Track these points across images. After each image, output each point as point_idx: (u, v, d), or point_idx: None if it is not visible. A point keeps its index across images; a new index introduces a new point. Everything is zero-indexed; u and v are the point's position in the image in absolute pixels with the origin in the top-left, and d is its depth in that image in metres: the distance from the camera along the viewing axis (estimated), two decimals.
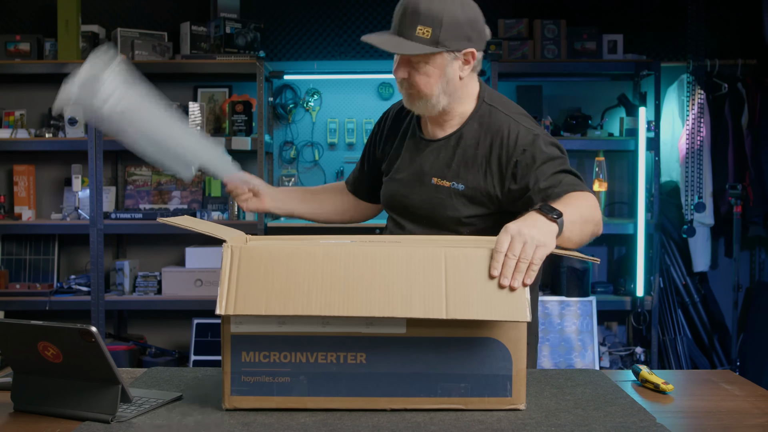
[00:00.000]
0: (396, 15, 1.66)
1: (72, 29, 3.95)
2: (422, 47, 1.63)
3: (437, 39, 1.63)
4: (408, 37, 1.63)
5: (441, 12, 1.62)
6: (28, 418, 1.36)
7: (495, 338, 1.32)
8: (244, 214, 4.12)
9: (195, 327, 4.02)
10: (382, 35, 1.67)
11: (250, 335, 1.34)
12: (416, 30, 1.62)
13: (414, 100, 1.72)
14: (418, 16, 1.61)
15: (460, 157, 1.73)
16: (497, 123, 1.72)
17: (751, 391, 1.56)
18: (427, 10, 1.61)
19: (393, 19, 1.67)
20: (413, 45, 1.63)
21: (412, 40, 1.63)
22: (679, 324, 4.10)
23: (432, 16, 1.61)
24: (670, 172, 4.28)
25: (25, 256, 4.24)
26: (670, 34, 4.28)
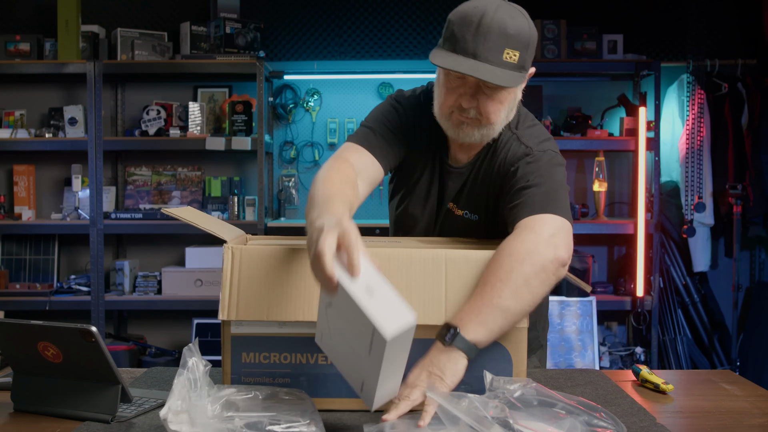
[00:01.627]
0: (470, 32, 1.42)
1: (72, 29, 3.95)
2: (517, 76, 1.47)
3: (523, 63, 1.48)
4: (494, 63, 1.43)
5: (529, 34, 1.48)
6: (28, 418, 1.36)
7: (496, 341, 1.32)
8: (244, 214, 4.12)
9: (195, 327, 4.02)
10: (458, 59, 1.42)
11: (250, 336, 1.32)
12: (503, 54, 1.43)
13: (473, 128, 1.52)
14: (507, 39, 1.43)
15: (476, 187, 1.61)
16: (515, 149, 1.57)
17: (751, 391, 1.56)
18: (517, 32, 1.45)
19: (461, 36, 1.43)
20: (507, 73, 1.44)
21: (500, 66, 1.43)
22: (679, 324, 4.09)
23: (522, 40, 1.46)
24: (670, 172, 4.28)
25: (25, 256, 4.24)
26: (670, 34, 4.28)
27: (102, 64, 3.97)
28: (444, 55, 1.44)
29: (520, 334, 1.34)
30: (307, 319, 1.27)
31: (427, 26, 4.29)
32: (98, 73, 3.95)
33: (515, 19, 1.46)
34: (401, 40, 4.30)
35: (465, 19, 1.43)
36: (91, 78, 3.95)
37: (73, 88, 4.30)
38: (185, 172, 4.34)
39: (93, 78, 3.95)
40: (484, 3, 1.45)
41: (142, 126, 4.11)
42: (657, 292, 4.00)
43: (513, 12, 1.47)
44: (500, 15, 1.43)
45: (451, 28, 1.45)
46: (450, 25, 1.46)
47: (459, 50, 1.43)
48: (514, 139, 1.60)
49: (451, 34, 1.45)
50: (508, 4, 1.48)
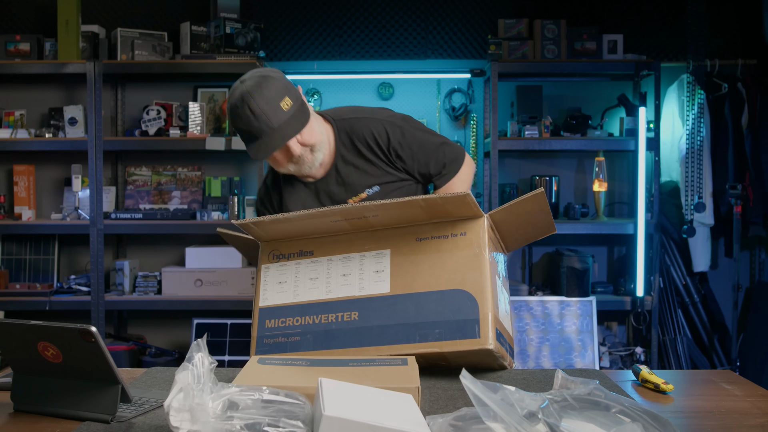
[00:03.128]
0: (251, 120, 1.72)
1: (72, 29, 3.95)
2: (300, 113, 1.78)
3: (296, 98, 1.79)
4: (281, 119, 1.75)
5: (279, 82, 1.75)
6: (28, 418, 1.36)
7: (463, 289, 1.58)
8: (244, 214, 4.12)
9: (195, 327, 4.02)
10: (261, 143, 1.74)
11: (272, 307, 1.70)
12: (281, 108, 1.75)
13: (312, 159, 1.86)
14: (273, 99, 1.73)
15: (354, 171, 1.91)
16: (362, 127, 1.89)
17: (751, 391, 1.56)
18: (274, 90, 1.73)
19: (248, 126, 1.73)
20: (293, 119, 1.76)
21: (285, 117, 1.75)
22: (679, 324, 4.09)
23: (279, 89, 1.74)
24: (670, 172, 4.28)
25: (25, 256, 4.24)
26: (670, 34, 4.29)
27: (102, 64, 3.97)
28: (253, 148, 1.76)
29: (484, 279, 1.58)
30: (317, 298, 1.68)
31: (427, 26, 4.29)
32: (98, 73, 3.95)
33: (264, 85, 1.72)
34: (401, 40, 4.30)
35: (239, 115, 1.74)
36: (91, 78, 3.95)
37: (73, 88, 4.30)
38: (185, 172, 4.34)
39: (93, 78, 3.95)
40: (237, 95, 1.73)
41: (142, 126, 4.11)
42: (657, 292, 4.00)
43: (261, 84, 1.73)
44: (256, 93, 1.71)
45: (238, 128, 1.76)
46: (237, 128, 1.77)
47: (257, 134, 1.74)
48: (362, 121, 1.91)
49: (242, 131, 1.76)
50: (252, 79, 1.74)
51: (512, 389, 1.17)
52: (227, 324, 4.00)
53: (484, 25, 4.29)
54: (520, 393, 1.16)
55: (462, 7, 4.29)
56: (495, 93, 3.94)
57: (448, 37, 4.29)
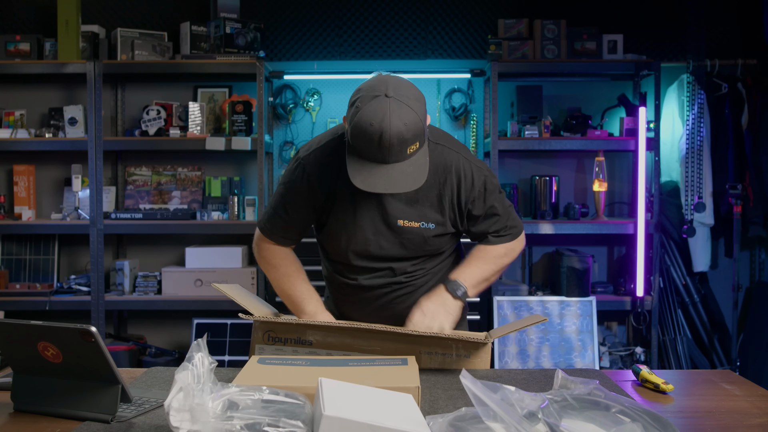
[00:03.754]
0: (374, 147, 1.61)
1: (72, 29, 3.95)
2: (422, 160, 1.68)
3: (423, 140, 1.68)
4: (402, 159, 1.64)
5: (420, 120, 1.65)
6: (28, 418, 1.36)
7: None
8: (244, 214, 4.12)
9: (195, 327, 4.02)
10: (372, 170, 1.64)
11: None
12: (407, 151, 1.64)
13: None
14: (407, 142, 1.62)
15: (423, 198, 1.83)
16: (448, 161, 1.84)
17: (751, 391, 1.56)
18: (413, 134, 1.63)
19: (367, 149, 1.62)
20: (414, 168, 1.66)
21: (406, 160, 1.65)
22: (679, 324, 4.09)
23: (417, 132, 1.64)
24: (670, 172, 4.28)
25: (25, 256, 4.24)
26: (670, 34, 4.28)
27: (102, 64, 3.97)
28: (359, 167, 1.65)
29: None
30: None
31: (427, 26, 4.29)
32: (98, 73, 3.95)
33: (407, 123, 1.61)
34: (401, 40, 4.30)
35: (366, 137, 1.61)
36: (91, 78, 3.95)
37: (73, 88, 4.30)
38: (185, 172, 4.34)
39: (93, 78, 3.95)
40: (378, 118, 1.60)
41: (142, 126, 4.11)
42: (657, 292, 4.00)
43: (403, 115, 1.61)
44: (395, 128, 1.59)
45: (356, 141, 1.64)
46: (354, 137, 1.64)
47: (371, 159, 1.64)
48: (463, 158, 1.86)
49: (358, 145, 1.64)
50: (398, 106, 1.61)
51: (512, 389, 1.17)
52: (227, 324, 4.00)
53: (484, 25, 4.29)
54: (520, 393, 1.16)
55: (462, 7, 4.29)
56: (495, 93, 3.94)
57: (448, 37, 4.29)
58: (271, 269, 1.96)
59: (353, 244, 1.85)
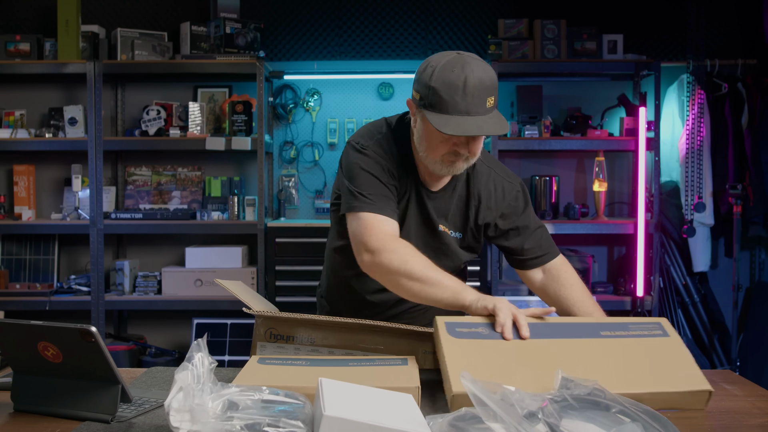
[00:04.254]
0: (459, 95, 1.60)
1: (72, 29, 3.95)
2: (501, 117, 1.67)
3: (496, 102, 1.68)
4: (484, 113, 1.63)
5: (495, 77, 1.67)
6: (28, 418, 1.36)
7: None
8: (244, 214, 4.12)
9: (195, 327, 4.02)
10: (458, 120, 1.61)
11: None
12: (487, 103, 1.64)
13: (462, 163, 1.72)
14: (487, 90, 1.63)
15: (455, 208, 1.84)
16: (484, 174, 1.85)
17: (751, 391, 1.56)
18: (492, 82, 1.64)
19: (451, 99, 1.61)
20: (495, 119, 1.65)
21: (487, 114, 1.64)
22: (679, 324, 4.09)
23: (495, 85, 1.65)
24: (670, 172, 4.28)
25: (25, 256, 4.24)
26: (670, 34, 4.28)
27: (102, 64, 3.97)
28: (444, 120, 1.62)
29: None
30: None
31: (427, 26, 4.29)
32: (98, 73, 3.95)
33: (486, 71, 1.64)
34: (401, 40, 4.30)
35: (451, 84, 1.62)
36: (91, 78, 3.95)
37: (73, 88, 4.30)
38: (185, 172, 4.34)
39: (93, 78, 3.95)
40: (459, 65, 1.63)
41: (142, 126, 4.11)
42: (657, 292, 4.00)
43: (481, 64, 1.65)
44: (477, 73, 1.62)
45: (438, 94, 1.63)
46: (435, 91, 1.63)
47: (453, 111, 1.62)
48: (494, 170, 1.87)
49: (440, 98, 1.63)
50: (474, 58, 1.66)
51: (512, 389, 1.17)
52: (227, 324, 4.00)
53: (484, 25, 4.29)
54: (520, 393, 1.16)
55: (462, 7, 4.29)
56: None
57: (448, 37, 4.29)
58: (413, 283, 1.66)
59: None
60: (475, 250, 1.93)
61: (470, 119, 1.61)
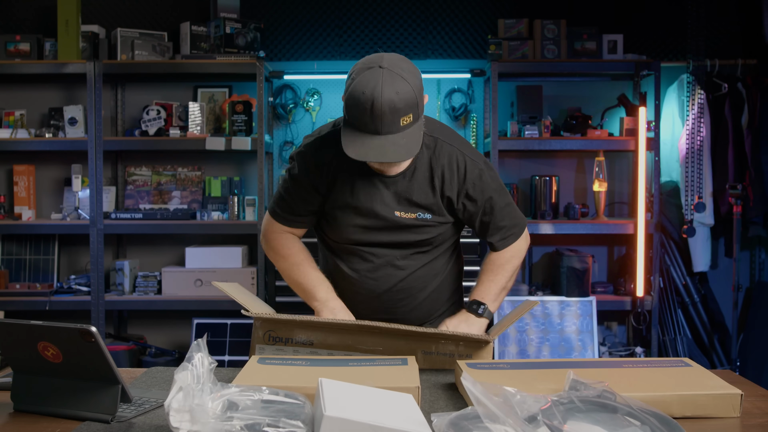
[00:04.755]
0: (367, 116, 1.61)
1: (72, 29, 3.95)
2: (416, 134, 1.67)
3: (417, 114, 1.67)
4: (395, 131, 1.64)
5: (414, 94, 1.65)
6: (28, 418, 1.36)
7: None
8: (244, 214, 4.12)
9: (195, 327, 4.02)
10: (365, 141, 1.63)
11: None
12: (400, 122, 1.63)
13: (392, 168, 1.79)
14: (398, 112, 1.62)
15: (418, 189, 1.83)
16: (446, 154, 1.84)
17: (751, 391, 1.55)
18: (405, 103, 1.62)
19: (360, 119, 1.63)
20: (407, 139, 1.65)
21: (401, 131, 1.64)
22: (679, 324, 4.09)
23: (410, 104, 1.64)
24: (670, 172, 4.28)
25: (25, 256, 4.24)
26: (670, 34, 4.28)
27: (102, 64, 3.97)
28: (352, 137, 1.65)
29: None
30: None
31: (427, 26, 4.29)
32: (98, 73, 3.95)
33: (399, 92, 1.62)
34: (401, 40, 4.30)
35: (359, 105, 1.62)
36: (91, 78, 3.95)
37: (73, 88, 4.30)
38: (185, 172, 4.34)
39: (93, 78, 3.95)
40: (370, 86, 1.61)
41: (142, 126, 4.11)
42: (657, 292, 4.00)
43: (396, 85, 1.62)
44: (387, 95, 1.60)
45: (350, 112, 1.65)
46: (348, 108, 1.66)
47: (363, 129, 1.64)
48: (457, 150, 1.85)
49: (352, 116, 1.65)
50: (390, 76, 1.62)
51: (513, 390, 1.17)
52: (227, 324, 4.00)
53: (484, 25, 4.29)
54: (522, 395, 1.16)
55: (462, 7, 4.29)
56: (495, 93, 3.94)
57: (448, 37, 4.29)
58: (280, 259, 1.98)
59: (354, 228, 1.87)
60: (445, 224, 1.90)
61: (378, 140, 1.63)
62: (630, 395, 1.25)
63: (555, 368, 1.53)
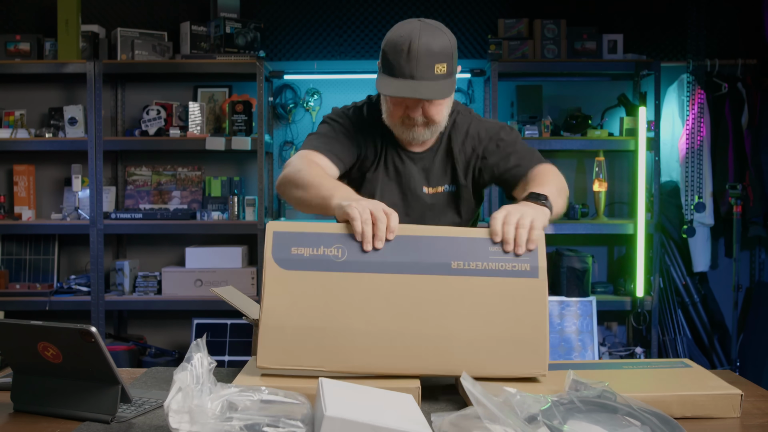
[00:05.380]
0: (403, 58, 1.64)
1: (72, 29, 3.95)
2: (448, 85, 1.69)
3: (452, 70, 1.71)
4: (429, 78, 1.65)
5: (450, 46, 1.69)
6: (28, 418, 1.36)
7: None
8: (244, 214, 4.12)
9: (195, 327, 4.02)
10: (399, 83, 1.65)
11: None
12: (435, 69, 1.66)
13: (422, 129, 1.75)
14: (434, 56, 1.65)
15: (440, 164, 1.86)
16: (465, 124, 1.87)
17: (751, 391, 1.55)
18: (441, 49, 1.66)
19: (396, 62, 1.65)
20: (440, 86, 1.67)
21: (434, 80, 1.66)
22: (679, 324, 4.09)
23: (446, 53, 1.67)
24: (670, 172, 4.28)
25: (25, 256, 4.24)
26: (670, 34, 4.28)
27: (102, 64, 3.97)
28: (387, 81, 1.67)
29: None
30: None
31: None
32: (98, 73, 3.95)
33: (436, 38, 1.67)
34: None
35: (396, 48, 1.66)
36: (91, 78, 3.95)
37: (73, 88, 4.30)
38: (185, 172, 4.34)
39: (93, 78, 3.95)
40: (408, 30, 1.67)
41: (142, 126, 4.11)
42: (657, 292, 4.00)
43: (434, 32, 1.68)
44: (424, 39, 1.65)
45: (386, 57, 1.68)
46: (385, 54, 1.69)
47: (398, 74, 1.66)
48: (474, 119, 1.88)
49: (388, 61, 1.67)
50: (428, 25, 1.69)
51: (513, 391, 1.17)
52: (227, 324, 4.00)
53: (484, 25, 4.29)
54: (522, 395, 1.16)
55: (462, 7, 4.29)
56: (495, 93, 3.94)
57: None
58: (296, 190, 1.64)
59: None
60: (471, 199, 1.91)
61: (412, 83, 1.64)
62: (630, 395, 1.25)
63: (555, 369, 1.52)
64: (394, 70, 1.66)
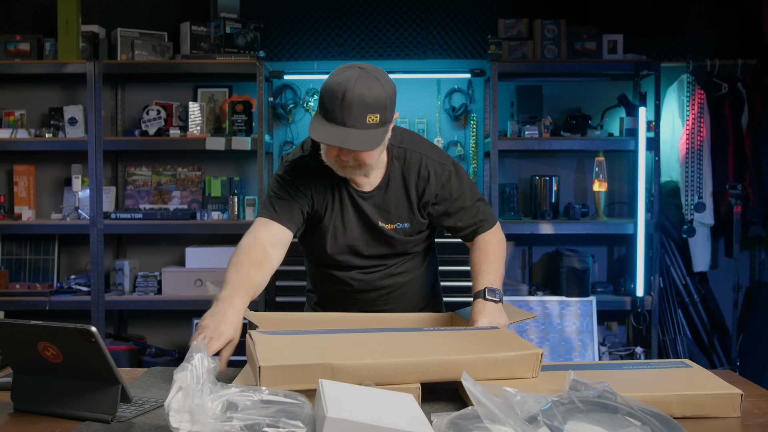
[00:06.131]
0: (337, 105, 1.68)
1: (72, 29, 3.95)
2: (379, 134, 1.72)
3: (385, 119, 1.73)
4: (360, 127, 1.69)
5: (385, 97, 1.71)
6: (28, 418, 1.36)
7: None
8: (244, 214, 4.12)
9: (195, 327, 4.01)
10: (330, 128, 1.69)
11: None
12: (366, 119, 1.69)
13: (355, 169, 1.80)
14: (367, 107, 1.68)
15: (394, 201, 1.92)
16: (416, 162, 1.92)
17: (751, 390, 1.56)
18: (374, 100, 1.69)
19: (331, 108, 1.69)
20: (369, 135, 1.70)
21: (365, 128, 1.70)
22: (679, 324, 4.09)
23: (379, 104, 1.70)
24: (670, 172, 4.28)
25: (25, 256, 4.24)
26: (670, 34, 4.28)
27: (102, 64, 3.97)
28: (320, 124, 1.71)
29: None
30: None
31: (427, 26, 4.29)
32: (98, 73, 3.95)
33: (372, 89, 1.69)
34: (401, 40, 4.30)
35: (332, 94, 1.69)
36: (91, 78, 3.95)
37: (73, 88, 4.30)
38: (185, 172, 4.34)
39: (93, 78, 3.95)
40: (345, 78, 1.69)
41: (142, 126, 4.11)
42: (657, 292, 4.00)
43: (370, 81, 1.70)
44: (359, 89, 1.68)
45: (323, 101, 1.72)
46: (322, 97, 1.72)
47: (331, 119, 1.70)
48: (424, 155, 1.93)
49: (324, 105, 1.71)
50: (367, 74, 1.71)
51: (513, 391, 1.17)
52: None
53: (484, 25, 4.29)
54: (522, 395, 1.16)
55: (462, 7, 4.29)
56: (495, 93, 3.94)
57: (448, 37, 4.29)
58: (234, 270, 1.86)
59: (341, 244, 1.94)
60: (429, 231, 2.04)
61: (343, 131, 1.68)
62: (630, 395, 1.25)
63: (555, 369, 1.53)
64: (328, 115, 1.70)
